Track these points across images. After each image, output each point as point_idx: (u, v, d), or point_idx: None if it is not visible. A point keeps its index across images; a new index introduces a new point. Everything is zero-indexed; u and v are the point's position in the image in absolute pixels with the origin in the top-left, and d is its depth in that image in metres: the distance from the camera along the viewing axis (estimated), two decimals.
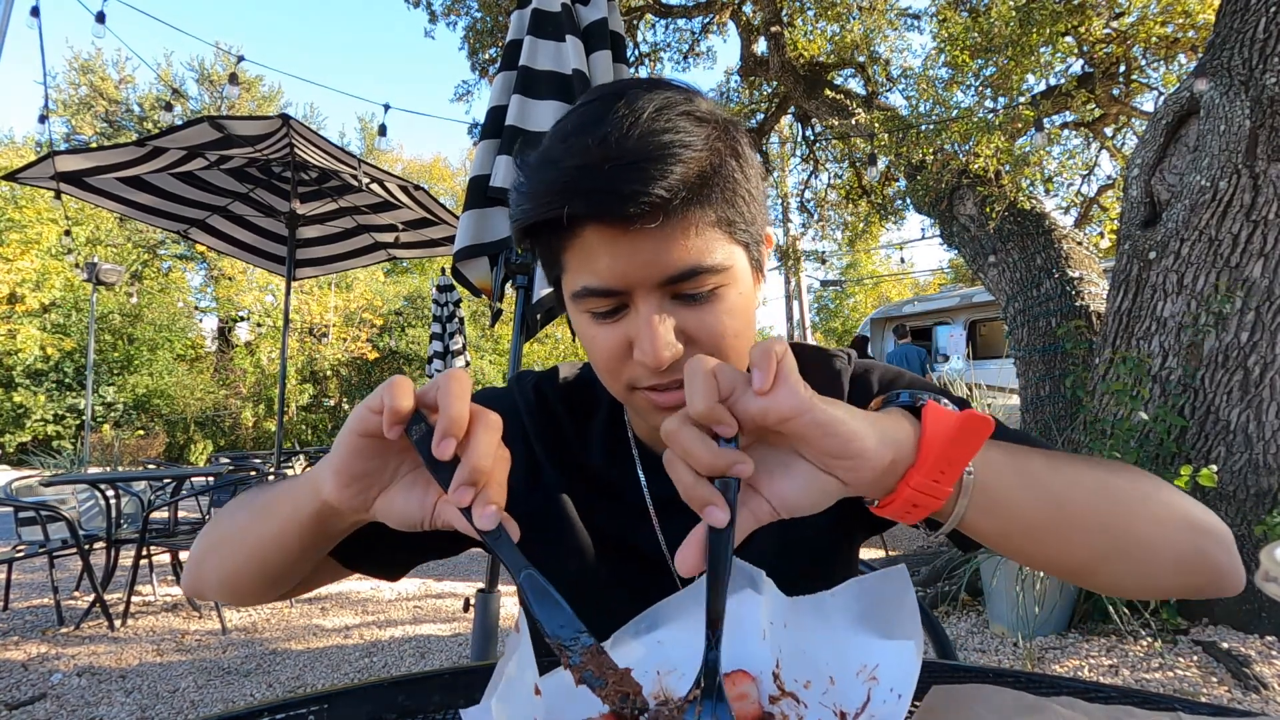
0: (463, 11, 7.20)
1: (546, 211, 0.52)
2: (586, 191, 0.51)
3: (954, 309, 11.01)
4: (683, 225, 0.53)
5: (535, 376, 0.78)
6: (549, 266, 0.61)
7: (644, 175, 0.50)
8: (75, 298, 15.20)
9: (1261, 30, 3.11)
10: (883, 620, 0.47)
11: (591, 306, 0.57)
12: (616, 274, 0.54)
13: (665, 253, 0.53)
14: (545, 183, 0.53)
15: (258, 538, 0.57)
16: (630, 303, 0.56)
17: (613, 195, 0.50)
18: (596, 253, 0.54)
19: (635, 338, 0.55)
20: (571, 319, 0.62)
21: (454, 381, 0.45)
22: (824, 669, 0.48)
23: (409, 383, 0.45)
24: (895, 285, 25.43)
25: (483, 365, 18.96)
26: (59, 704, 2.70)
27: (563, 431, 0.74)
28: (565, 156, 0.52)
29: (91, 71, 20.61)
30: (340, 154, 4.56)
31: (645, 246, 0.53)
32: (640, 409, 0.61)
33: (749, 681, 0.49)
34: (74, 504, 4.36)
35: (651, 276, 0.54)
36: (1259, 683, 2.39)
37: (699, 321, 0.56)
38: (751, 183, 0.58)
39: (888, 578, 0.48)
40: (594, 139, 0.51)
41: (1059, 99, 5.46)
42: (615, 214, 0.51)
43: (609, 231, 0.52)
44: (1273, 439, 2.97)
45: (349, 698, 0.56)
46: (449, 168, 28.33)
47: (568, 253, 0.56)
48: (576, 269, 0.56)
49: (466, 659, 3.10)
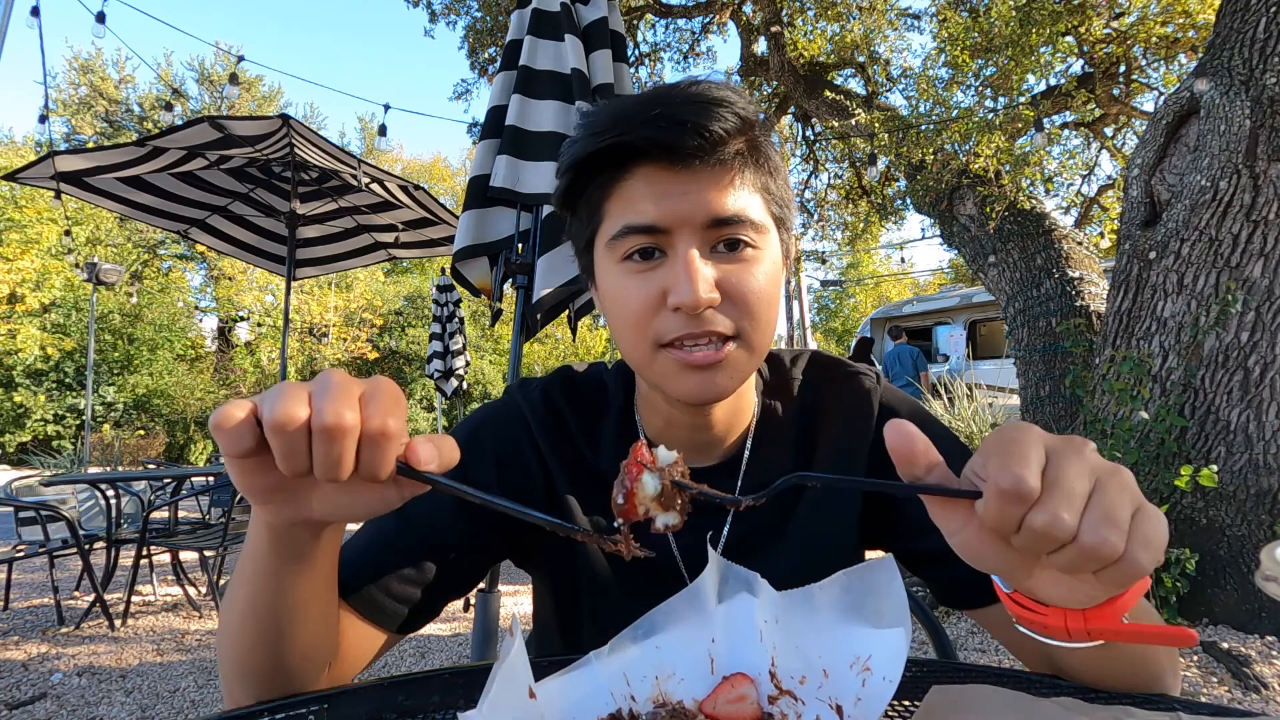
0: (462, 11, 7.20)
1: (606, 139, 0.55)
2: (650, 121, 0.53)
3: (954, 309, 11.01)
4: (731, 175, 0.56)
5: (542, 382, 0.74)
6: (586, 221, 0.61)
7: (705, 113, 0.54)
8: (75, 297, 15.20)
9: (1262, 30, 3.11)
10: (873, 610, 0.47)
11: (629, 246, 0.57)
12: (664, 210, 0.55)
13: (712, 194, 0.55)
14: (607, 116, 0.56)
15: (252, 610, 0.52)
16: (669, 247, 0.56)
17: (676, 125, 0.53)
18: (643, 191, 0.55)
19: (672, 282, 0.55)
20: (601, 277, 0.61)
21: (280, 396, 0.38)
22: (817, 662, 0.48)
23: (237, 407, 0.38)
24: (895, 285, 25.43)
25: (483, 365, 18.97)
26: (59, 704, 2.70)
27: (573, 439, 0.71)
28: (628, 102, 0.56)
29: (91, 71, 20.61)
30: (340, 154, 4.56)
31: (694, 185, 0.55)
32: (663, 373, 0.59)
33: (748, 684, 0.49)
34: (74, 504, 4.36)
35: (697, 215, 0.55)
36: (1259, 683, 2.39)
37: (737, 276, 0.56)
38: (784, 172, 0.61)
39: (875, 568, 0.48)
40: (658, 92, 0.56)
41: (1059, 99, 5.46)
42: (676, 144, 0.53)
43: (661, 171, 0.55)
44: (1273, 439, 2.97)
45: (349, 698, 0.56)
46: (449, 167, 28.35)
47: (612, 197, 0.58)
48: (619, 212, 0.57)
49: (466, 659, 3.10)
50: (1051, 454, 0.37)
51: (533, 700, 0.43)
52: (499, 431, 0.71)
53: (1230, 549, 2.93)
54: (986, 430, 6.61)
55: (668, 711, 0.48)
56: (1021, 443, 0.37)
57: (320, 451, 0.38)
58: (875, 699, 0.45)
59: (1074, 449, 0.38)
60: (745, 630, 0.51)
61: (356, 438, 0.38)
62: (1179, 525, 3.07)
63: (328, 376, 0.40)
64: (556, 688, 0.48)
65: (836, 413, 0.71)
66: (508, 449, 0.70)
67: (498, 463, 0.70)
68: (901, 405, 0.73)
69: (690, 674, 0.51)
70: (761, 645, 0.50)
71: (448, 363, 7.15)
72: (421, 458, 0.40)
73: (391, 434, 0.39)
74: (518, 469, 0.70)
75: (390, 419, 0.39)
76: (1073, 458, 0.37)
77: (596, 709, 0.48)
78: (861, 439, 0.69)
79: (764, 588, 0.51)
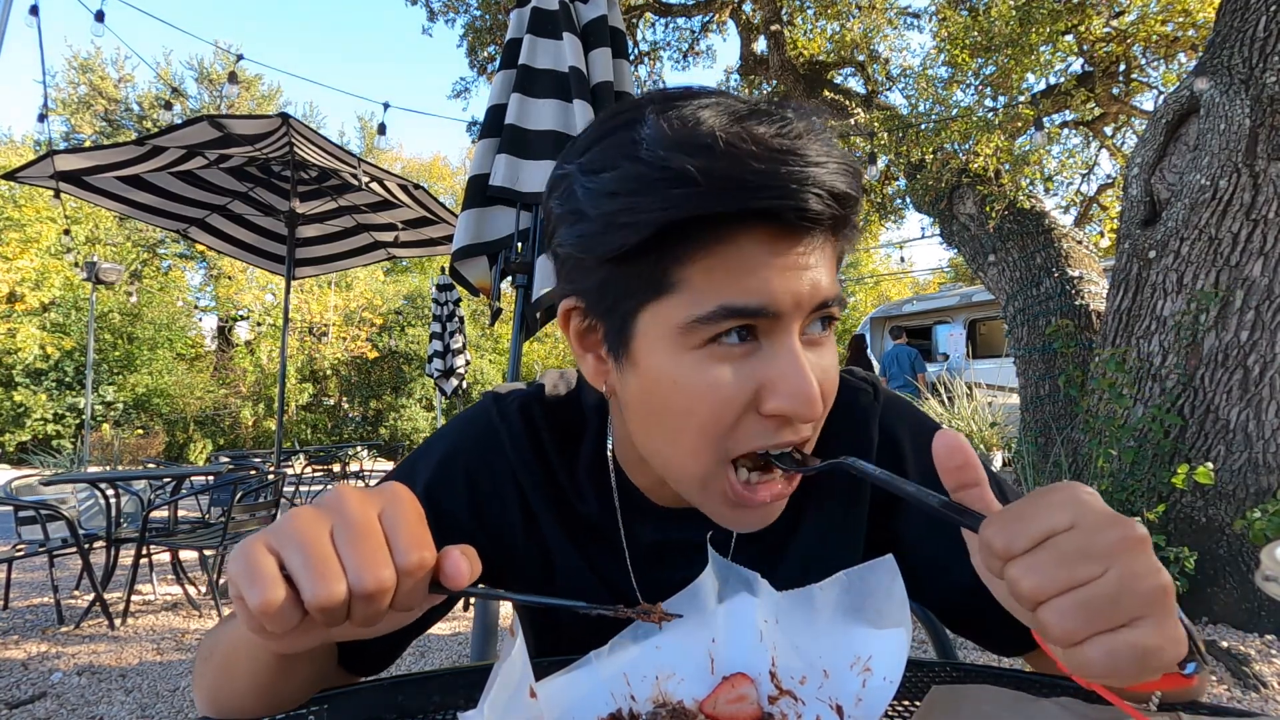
0: (461, 9, 7.20)
1: (713, 203, 0.42)
2: (784, 189, 0.42)
3: (954, 308, 11.02)
4: (836, 245, 0.47)
5: (520, 398, 0.66)
6: (638, 287, 0.47)
7: (839, 171, 0.43)
8: (75, 297, 15.19)
9: (1262, 29, 3.11)
10: (873, 611, 0.47)
11: (716, 331, 0.45)
12: (783, 290, 0.44)
13: (823, 272, 0.46)
14: (712, 166, 0.42)
15: (235, 692, 0.51)
16: (765, 335, 0.46)
17: (807, 187, 0.42)
18: (753, 264, 0.44)
19: (775, 379, 0.45)
20: (659, 360, 0.47)
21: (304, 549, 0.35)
22: (818, 663, 0.48)
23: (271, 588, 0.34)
24: (895, 284, 25.43)
25: (483, 365, 18.98)
26: (59, 703, 2.71)
27: (552, 468, 0.64)
28: (736, 140, 0.42)
29: (91, 70, 20.59)
30: (340, 153, 4.56)
31: (810, 259, 0.45)
32: (716, 501, 0.51)
33: (748, 684, 0.49)
34: (74, 503, 4.36)
35: (814, 297, 0.45)
36: (1259, 682, 2.39)
37: (822, 367, 0.48)
38: None
39: (875, 568, 0.48)
40: (771, 128, 0.43)
41: (1059, 98, 5.46)
42: (808, 211, 0.43)
43: (776, 238, 0.44)
44: (1272, 438, 2.97)
45: (348, 698, 0.56)
46: (449, 166, 28.35)
47: (696, 265, 0.44)
48: (710, 286, 0.44)
49: (466, 659, 3.10)
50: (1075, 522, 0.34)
51: (533, 700, 0.43)
52: (473, 459, 0.64)
53: (1230, 548, 2.93)
54: (986, 429, 6.62)
55: (668, 711, 0.48)
56: (1043, 500, 0.35)
57: (359, 610, 0.36)
58: (875, 699, 0.45)
59: (1107, 524, 0.34)
60: (745, 630, 0.51)
61: (394, 588, 0.36)
62: (1178, 524, 3.07)
63: (347, 514, 0.36)
64: (557, 687, 0.48)
65: (836, 434, 0.63)
66: (483, 479, 0.64)
67: (471, 491, 0.64)
68: (902, 424, 0.67)
69: (690, 674, 0.51)
70: (762, 645, 0.50)
71: (448, 362, 7.16)
72: (460, 577, 0.39)
73: (427, 567, 0.37)
74: (494, 499, 0.64)
75: (425, 551, 0.37)
76: (1088, 534, 0.34)
77: (597, 709, 0.48)
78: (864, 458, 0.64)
79: (764, 588, 0.51)
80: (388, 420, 18.79)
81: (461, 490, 0.64)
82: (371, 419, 19.19)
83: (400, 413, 18.76)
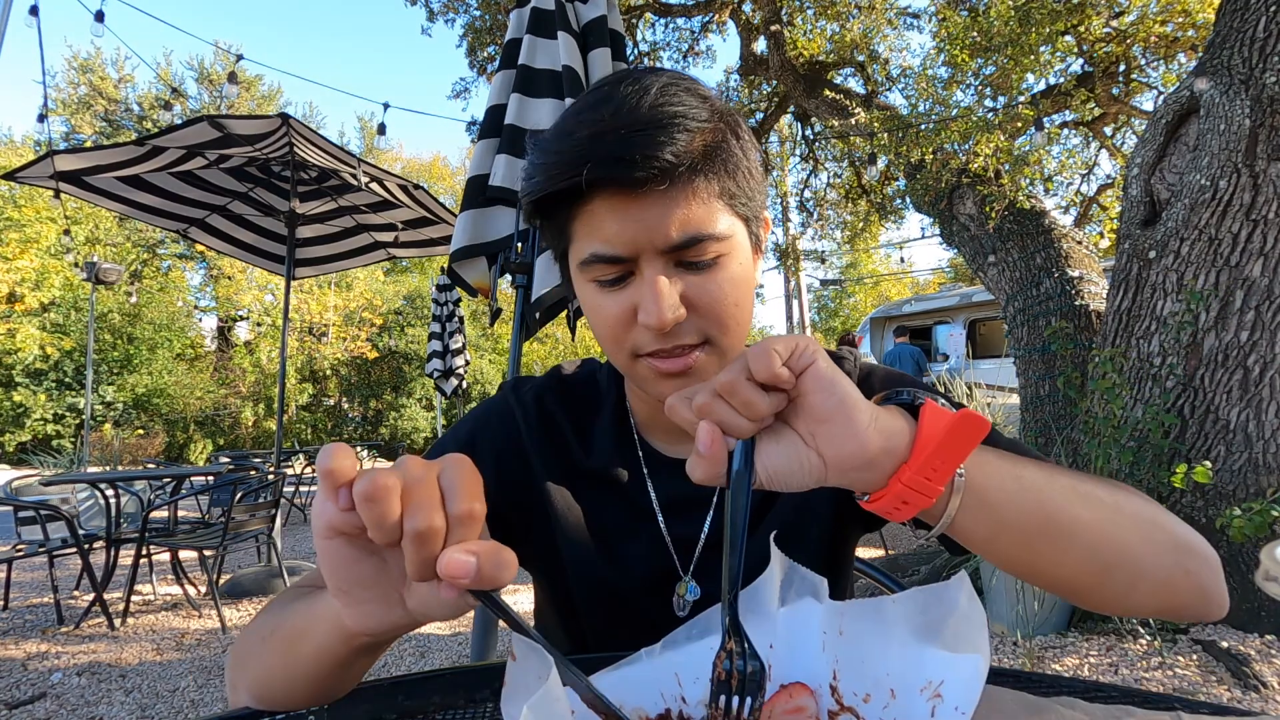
0: (461, 9, 7.20)
1: (561, 181, 0.55)
2: (600, 158, 0.53)
3: (953, 308, 11.01)
4: (687, 192, 0.56)
5: (537, 385, 0.78)
6: (556, 240, 0.62)
7: (653, 141, 0.53)
8: (74, 297, 15.19)
9: (1261, 29, 3.11)
10: (950, 633, 0.44)
11: (598, 274, 0.58)
12: (624, 239, 0.56)
13: (671, 218, 0.55)
14: (560, 154, 0.55)
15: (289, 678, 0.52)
16: (636, 270, 0.57)
17: (624, 160, 0.53)
18: (605, 219, 0.56)
19: (640, 302, 0.57)
20: (577, 290, 0.63)
21: (369, 506, 0.38)
22: (884, 681, 0.46)
23: (345, 449, 0.40)
24: (895, 284, 25.42)
25: (483, 365, 18.97)
26: (59, 703, 2.70)
27: (565, 440, 0.75)
28: (578, 128, 0.55)
29: (90, 70, 20.58)
30: (340, 153, 4.56)
31: (652, 212, 0.55)
32: (642, 378, 0.62)
33: (807, 694, 0.47)
34: (74, 503, 4.36)
35: (656, 241, 0.55)
36: (1259, 682, 2.39)
37: (701, 288, 0.57)
38: (750, 161, 0.60)
39: (951, 587, 0.46)
40: (606, 111, 0.55)
41: (1059, 98, 5.46)
42: (626, 178, 0.53)
43: (618, 198, 0.55)
44: (1272, 438, 2.97)
45: (349, 698, 0.56)
46: (448, 167, 28.34)
47: (576, 222, 0.58)
48: (585, 237, 0.58)
49: (466, 659, 3.10)
50: None
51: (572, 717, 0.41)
52: (496, 431, 0.76)
53: (1230, 548, 2.93)
54: None
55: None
56: None
57: (412, 553, 0.38)
58: None
59: None
60: (807, 638, 0.48)
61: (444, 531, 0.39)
62: None
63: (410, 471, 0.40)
64: (605, 685, 0.46)
65: None
66: (505, 448, 0.75)
67: (497, 462, 0.74)
68: (875, 372, 0.76)
69: None
70: (824, 655, 0.48)
71: (447, 362, 7.15)
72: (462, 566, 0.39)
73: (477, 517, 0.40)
74: (514, 466, 0.74)
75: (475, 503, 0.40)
76: None
77: (645, 708, 0.47)
78: None
79: (827, 593, 0.49)
80: (388, 420, 18.79)
81: (487, 459, 0.73)
82: (371, 419, 19.20)
83: (400, 413, 18.76)
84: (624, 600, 0.72)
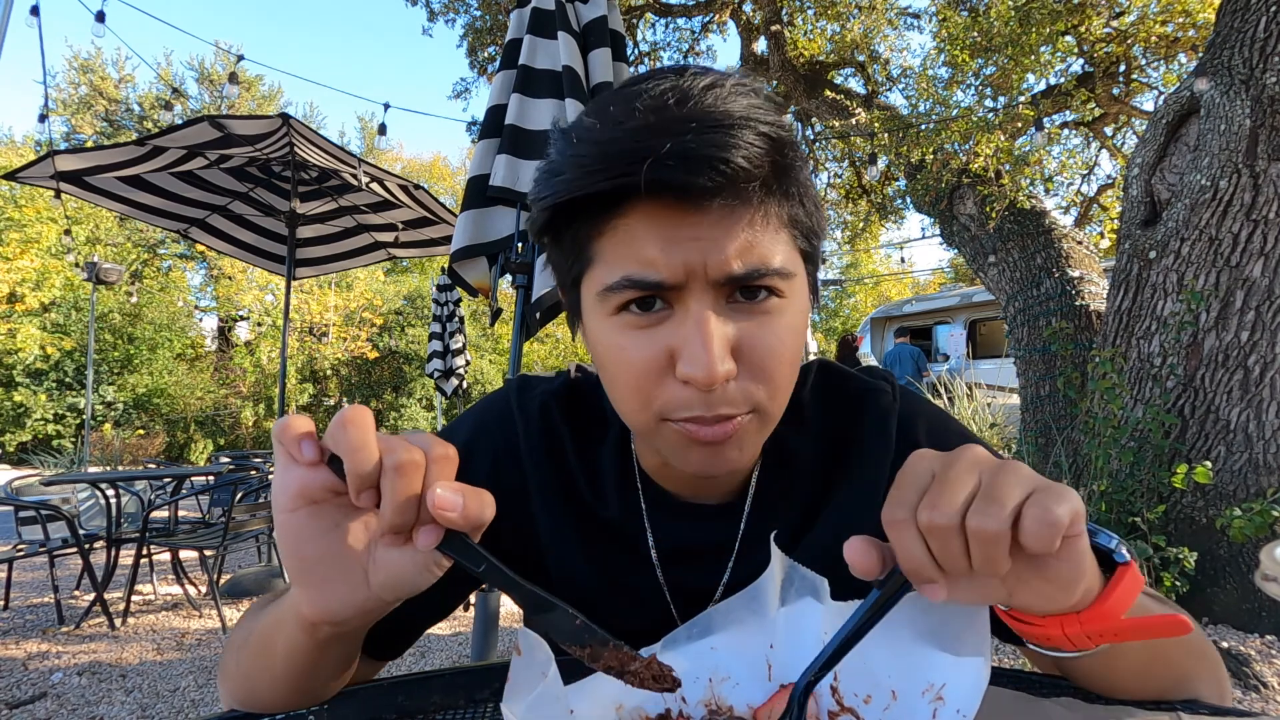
0: (461, 9, 7.20)
1: (602, 180, 0.43)
2: (655, 160, 0.42)
3: (954, 308, 11.01)
4: (755, 212, 0.46)
5: (542, 392, 0.66)
6: (571, 261, 0.50)
7: (723, 141, 0.42)
8: (75, 297, 15.19)
9: (1262, 29, 3.11)
10: (952, 636, 0.43)
11: (628, 299, 0.46)
12: (673, 262, 0.44)
13: (733, 241, 0.45)
14: (603, 145, 0.44)
15: (271, 681, 0.51)
16: (676, 303, 0.46)
17: (691, 160, 0.42)
18: (646, 237, 0.45)
19: (680, 346, 0.45)
20: (591, 328, 0.51)
21: (350, 427, 0.38)
22: (886, 683, 0.45)
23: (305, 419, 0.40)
24: (895, 285, 25.42)
25: (483, 365, 18.97)
26: (59, 703, 2.71)
27: (565, 460, 0.64)
28: (628, 116, 0.44)
29: (91, 71, 20.59)
30: (340, 153, 4.56)
31: (710, 232, 0.44)
32: (670, 445, 0.50)
33: None
34: (74, 503, 4.36)
35: (712, 269, 0.45)
36: (1259, 682, 2.39)
37: (755, 337, 0.47)
38: (812, 190, 0.50)
39: None
40: (672, 98, 0.44)
41: (1059, 98, 5.46)
42: (691, 184, 0.42)
43: (669, 210, 0.44)
44: (1273, 438, 2.97)
45: (349, 698, 0.56)
46: (449, 167, 28.35)
47: (604, 238, 0.47)
48: (615, 258, 0.46)
49: (466, 659, 3.10)
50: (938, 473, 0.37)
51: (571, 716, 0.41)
52: (495, 434, 0.66)
53: (1230, 548, 2.93)
54: (986, 429, 6.61)
55: (721, 716, 0.47)
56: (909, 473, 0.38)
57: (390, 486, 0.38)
58: None
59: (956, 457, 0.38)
60: (808, 639, 0.48)
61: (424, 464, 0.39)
62: (1178, 525, 3.07)
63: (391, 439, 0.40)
64: (603, 682, 0.46)
65: (857, 438, 0.64)
66: (503, 454, 0.65)
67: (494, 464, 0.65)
68: (918, 417, 0.66)
69: (746, 679, 0.49)
70: None
71: (448, 362, 7.15)
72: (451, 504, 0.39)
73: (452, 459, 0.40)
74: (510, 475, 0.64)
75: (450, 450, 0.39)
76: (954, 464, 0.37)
77: (645, 707, 0.47)
78: (883, 459, 0.63)
79: (829, 594, 0.48)
80: (388, 420, 18.78)
81: (485, 460, 0.64)
82: None
83: (400, 413, 18.76)
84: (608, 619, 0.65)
